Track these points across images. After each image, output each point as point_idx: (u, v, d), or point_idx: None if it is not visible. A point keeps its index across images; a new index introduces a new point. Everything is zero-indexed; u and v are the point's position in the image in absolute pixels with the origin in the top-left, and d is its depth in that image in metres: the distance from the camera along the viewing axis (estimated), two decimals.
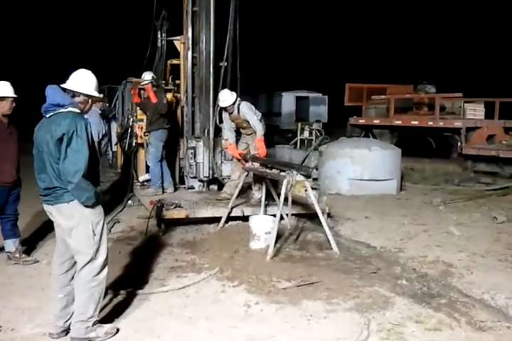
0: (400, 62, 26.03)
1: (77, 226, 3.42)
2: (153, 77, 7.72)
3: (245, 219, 6.33)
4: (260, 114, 7.19)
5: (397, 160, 9.03)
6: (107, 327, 3.58)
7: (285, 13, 29.13)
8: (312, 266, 5.03)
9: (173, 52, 8.58)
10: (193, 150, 7.96)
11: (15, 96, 5.04)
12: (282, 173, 5.60)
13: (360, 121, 13.14)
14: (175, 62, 8.64)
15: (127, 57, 10.65)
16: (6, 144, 5.05)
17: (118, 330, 3.66)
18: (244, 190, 7.45)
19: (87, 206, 3.39)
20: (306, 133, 11.48)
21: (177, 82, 8.83)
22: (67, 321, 3.58)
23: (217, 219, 6.58)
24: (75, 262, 3.56)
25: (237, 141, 7.41)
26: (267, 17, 27.21)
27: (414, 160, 11.88)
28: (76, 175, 3.26)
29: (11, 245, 5.32)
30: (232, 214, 6.58)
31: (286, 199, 5.65)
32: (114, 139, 10.92)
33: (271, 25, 28.18)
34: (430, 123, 11.55)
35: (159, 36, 8.68)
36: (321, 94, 20.80)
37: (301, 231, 6.48)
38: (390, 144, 10.39)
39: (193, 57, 8.06)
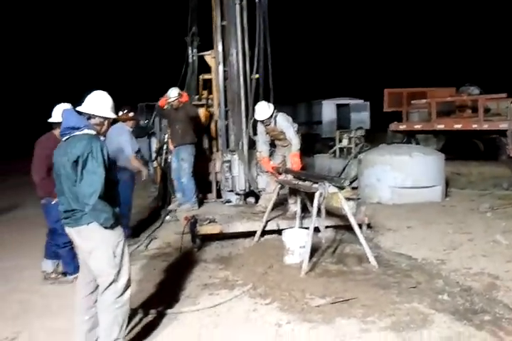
0: (441, 65, 25.37)
1: (97, 248, 3.41)
2: (179, 93, 7.72)
3: (281, 232, 6.20)
4: (297, 126, 7.09)
5: (441, 165, 8.69)
6: None
7: (321, 20, 28.98)
8: (349, 281, 4.83)
9: (206, 67, 8.60)
10: (228, 164, 7.93)
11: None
12: (315, 185, 5.45)
13: (401, 126, 12.79)
14: (207, 76, 8.66)
15: (164, 75, 10.77)
16: None
17: None
18: (281, 203, 7.35)
19: (106, 227, 3.38)
20: (345, 142, 11.24)
21: (210, 96, 8.82)
22: None
23: (253, 233, 6.48)
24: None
25: (272, 152, 7.33)
26: (301, 25, 27.16)
27: (461, 164, 11.48)
28: (92, 196, 3.26)
29: (50, 265, 5.39)
30: (267, 228, 6.47)
31: (320, 212, 5.50)
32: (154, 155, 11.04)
33: (307, 33, 28.09)
34: (474, 126, 11.11)
35: (190, 52, 8.72)
36: (362, 101, 20.46)
37: (339, 244, 6.28)
38: (433, 149, 10.03)
39: (224, 71, 8.06)
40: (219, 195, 8.45)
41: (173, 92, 7.65)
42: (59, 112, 4.16)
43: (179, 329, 3.98)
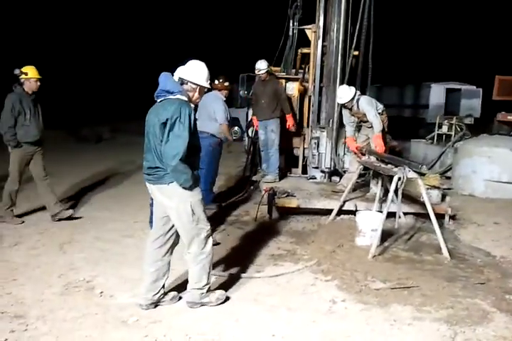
0: None
1: (178, 206, 3.67)
2: (268, 65, 7.78)
3: None
4: (382, 107, 6.90)
5: None
6: (218, 293, 3.93)
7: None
8: (415, 270, 4.73)
9: (305, 41, 8.54)
10: (316, 141, 7.93)
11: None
12: (394, 169, 5.33)
13: (509, 117, 11.89)
14: (305, 51, 8.59)
15: (264, 47, 10.83)
16: None
17: (228, 298, 3.95)
18: (365, 184, 7.27)
19: (184, 188, 3.61)
20: (444, 128, 10.70)
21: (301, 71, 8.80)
22: (156, 294, 3.84)
23: (330, 211, 6.49)
24: (169, 239, 3.86)
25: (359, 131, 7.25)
26: (412, 1, 25.70)
27: None
28: (175, 158, 3.48)
29: None
30: (344, 208, 6.45)
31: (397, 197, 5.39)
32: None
33: (418, 11, 26.57)
34: None
35: (291, 25, 8.69)
36: (474, 87, 19.20)
37: (416, 232, 6.12)
38: None
39: (323, 46, 7.97)
40: (305, 171, 8.51)
41: (262, 64, 7.72)
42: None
43: (237, 293, 4.14)
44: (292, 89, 8.61)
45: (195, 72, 3.77)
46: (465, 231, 6.22)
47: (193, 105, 3.82)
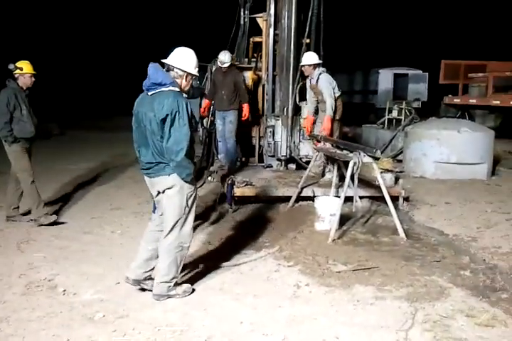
0: (503, 37, 23.90)
1: (174, 196, 3.71)
2: (232, 57, 7.79)
3: None
4: (338, 92, 7.04)
5: (490, 142, 8.39)
6: (184, 286, 3.95)
7: None
8: (373, 251, 4.90)
9: (257, 30, 8.55)
10: (271, 129, 8.01)
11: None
12: (350, 154, 5.46)
13: (456, 100, 12.34)
14: (257, 39, 8.63)
15: (215, 36, 10.78)
16: None
17: (194, 290, 3.97)
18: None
19: (186, 181, 3.65)
20: (394, 113, 10.98)
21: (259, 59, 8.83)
22: (145, 272, 3.94)
23: (289, 199, 6.58)
24: None
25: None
26: None
27: None
28: (179, 153, 3.52)
29: None
30: (302, 195, 6.55)
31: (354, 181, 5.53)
32: None
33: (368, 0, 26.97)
34: None
35: (242, 14, 8.68)
36: (421, 71, 19.71)
37: (372, 215, 6.32)
38: (482, 126, 9.66)
39: (274, 35, 8.02)
40: (261, 160, 8.58)
41: (226, 57, 7.71)
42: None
43: (203, 283, 4.17)
44: (246, 78, 8.61)
45: (181, 58, 3.74)
46: (418, 212, 6.45)
47: (185, 95, 3.79)
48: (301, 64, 7.04)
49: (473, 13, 26.84)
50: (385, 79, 19.31)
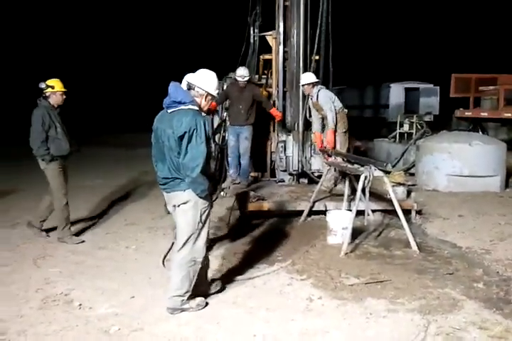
0: None
1: (188, 211, 3.79)
2: (248, 72, 7.98)
3: None
4: (340, 106, 7.21)
5: (502, 155, 8.39)
6: (198, 300, 3.99)
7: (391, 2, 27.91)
8: (386, 264, 4.91)
9: (266, 48, 8.70)
10: (283, 144, 8.10)
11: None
12: (360, 168, 5.51)
13: (467, 113, 12.32)
14: (267, 57, 8.76)
15: (225, 54, 10.97)
16: None
17: (207, 303, 4.01)
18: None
19: (200, 197, 3.73)
20: (405, 127, 11.02)
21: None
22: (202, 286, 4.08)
23: (302, 213, 6.62)
24: None
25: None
26: (369, 6, 26.37)
27: None
28: (195, 170, 3.60)
29: None
30: (315, 209, 6.59)
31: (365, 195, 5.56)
32: None
33: (375, 15, 27.26)
34: None
35: (252, 32, 8.83)
36: (432, 85, 19.75)
37: (385, 228, 6.33)
38: (494, 138, 9.66)
39: (284, 52, 8.16)
40: (273, 175, 8.64)
41: (246, 71, 7.86)
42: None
43: (216, 297, 4.21)
44: None
45: (204, 78, 3.85)
46: (431, 225, 6.45)
47: (204, 114, 3.90)
48: (300, 84, 7.33)
49: (483, 27, 26.94)
50: (396, 93, 19.34)
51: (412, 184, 8.60)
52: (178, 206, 3.83)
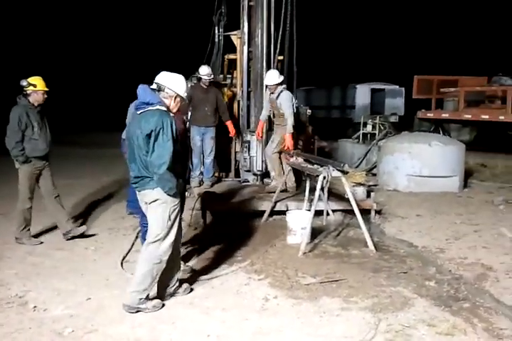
0: (475, 53, 24.53)
1: (157, 209, 3.88)
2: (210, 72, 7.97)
3: None
4: (295, 109, 7.31)
5: (461, 155, 8.61)
6: (154, 301, 4.01)
7: (355, 2, 28.28)
8: (343, 263, 5.00)
9: (231, 48, 8.72)
10: (247, 144, 8.12)
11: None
12: (319, 169, 5.58)
13: (429, 114, 12.60)
14: (232, 56, 8.80)
15: (189, 54, 10.95)
16: None
17: (164, 305, 4.03)
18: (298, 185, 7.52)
19: (168, 195, 3.82)
20: (369, 127, 11.21)
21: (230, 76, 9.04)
22: (172, 287, 4.17)
23: (263, 213, 6.66)
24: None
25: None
26: (334, 6, 26.69)
27: (489, 156, 11.28)
28: (161, 167, 3.69)
29: None
30: (276, 209, 6.65)
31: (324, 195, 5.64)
32: None
33: (341, 15, 27.62)
34: (501, 117, 10.87)
35: (217, 32, 8.85)
36: (397, 86, 20.11)
37: (344, 228, 6.43)
38: (454, 139, 9.91)
39: (248, 52, 8.19)
40: (238, 174, 8.67)
41: (209, 70, 7.84)
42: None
43: (173, 298, 4.21)
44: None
45: (173, 80, 3.95)
46: (390, 225, 6.58)
47: (172, 114, 3.95)
48: (268, 83, 7.15)
49: (447, 29, 27.55)
50: (362, 94, 19.63)
51: (373, 184, 8.75)
52: (149, 204, 3.90)
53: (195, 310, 3.97)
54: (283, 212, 6.62)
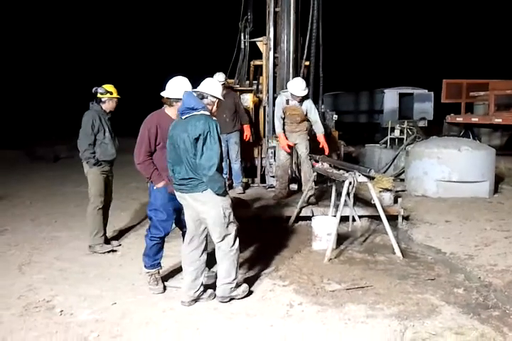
0: (506, 56, 24.02)
1: (211, 210, 4.04)
2: (226, 78, 7.99)
3: None
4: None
5: (491, 160, 8.42)
6: (243, 286, 4.35)
7: (384, 6, 28.07)
8: (369, 270, 4.93)
9: (257, 54, 8.75)
10: (273, 150, 8.11)
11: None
12: (345, 174, 5.53)
13: (458, 119, 12.37)
14: (257, 63, 8.82)
15: (215, 60, 11.03)
16: None
17: (251, 291, 4.38)
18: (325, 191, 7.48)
19: (218, 194, 3.98)
20: (396, 132, 11.06)
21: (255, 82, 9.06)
22: (196, 291, 4.21)
23: (289, 219, 6.65)
24: (203, 240, 4.27)
25: None
26: (362, 12, 26.55)
27: None
28: (211, 169, 3.85)
29: None
30: (302, 214, 6.62)
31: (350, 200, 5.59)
32: None
33: (368, 20, 27.45)
34: None
35: (243, 38, 8.90)
36: (426, 91, 19.84)
37: (371, 234, 6.35)
38: (484, 144, 9.70)
39: (274, 58, 8.21)
40: (263, 180, 8.66)
41: (221, 76, 7.86)
42: (174, 87, 4.41)
43: (198, 303, 4.22)
44: (247, 100, 8.80)
45: (213, 87, 4.16)
46: (417, 231, 6.47)
47: (214, 118, 4.12)
48: (298, 94, 6.95)
49: (476, 33, 27.11)
50: (390, 98, 19.43)
51: (401, 190, 8.64)
52: (201, 208, 4.04)
53: (220, 316, 3.97)
54: (308, 218, 6.60)
